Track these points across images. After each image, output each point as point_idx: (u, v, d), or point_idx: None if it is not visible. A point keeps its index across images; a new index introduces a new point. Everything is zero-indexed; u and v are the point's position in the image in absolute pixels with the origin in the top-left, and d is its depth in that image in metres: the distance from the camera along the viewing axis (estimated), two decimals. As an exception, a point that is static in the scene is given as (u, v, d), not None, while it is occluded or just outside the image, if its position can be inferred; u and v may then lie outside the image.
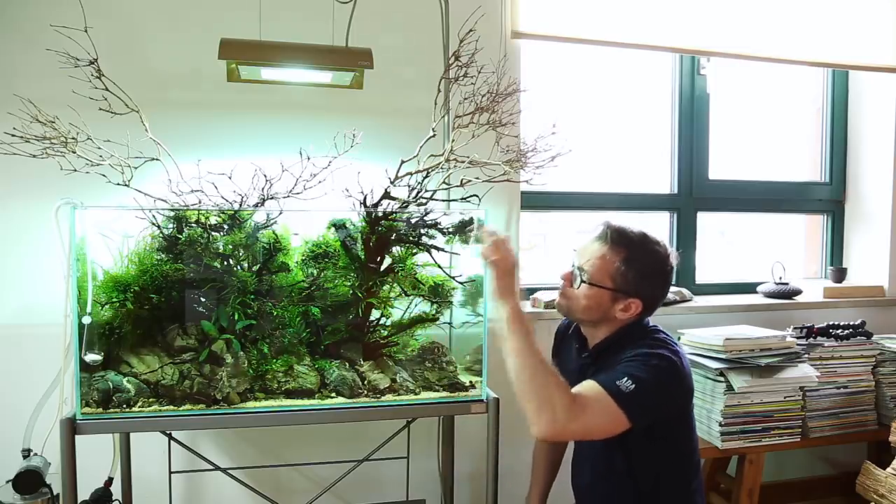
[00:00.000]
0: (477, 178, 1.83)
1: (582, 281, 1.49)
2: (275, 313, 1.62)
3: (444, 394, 1.71)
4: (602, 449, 1.52)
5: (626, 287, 1.47)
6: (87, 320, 1.50)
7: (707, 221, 2.78)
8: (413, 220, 1.74)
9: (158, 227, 1.60)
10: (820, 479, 2.74)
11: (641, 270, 1.47)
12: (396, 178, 1.76)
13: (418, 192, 1.77)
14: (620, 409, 1.32)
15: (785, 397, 2.11)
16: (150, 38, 1.97)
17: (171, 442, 1.86)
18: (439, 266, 1.76)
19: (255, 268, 1.63)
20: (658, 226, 2.74)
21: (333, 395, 1.63)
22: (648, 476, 1.51)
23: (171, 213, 1.60)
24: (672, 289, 2.51)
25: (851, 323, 2.32)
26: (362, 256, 1.70)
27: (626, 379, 1.34)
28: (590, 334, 1.59)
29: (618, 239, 1.48)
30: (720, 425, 2.05)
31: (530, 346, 1.36)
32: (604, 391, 1.34)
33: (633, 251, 1.48)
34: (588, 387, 1.37)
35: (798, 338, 2.24)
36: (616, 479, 1.53)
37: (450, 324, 1.82)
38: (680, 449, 1.54)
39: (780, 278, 2.71)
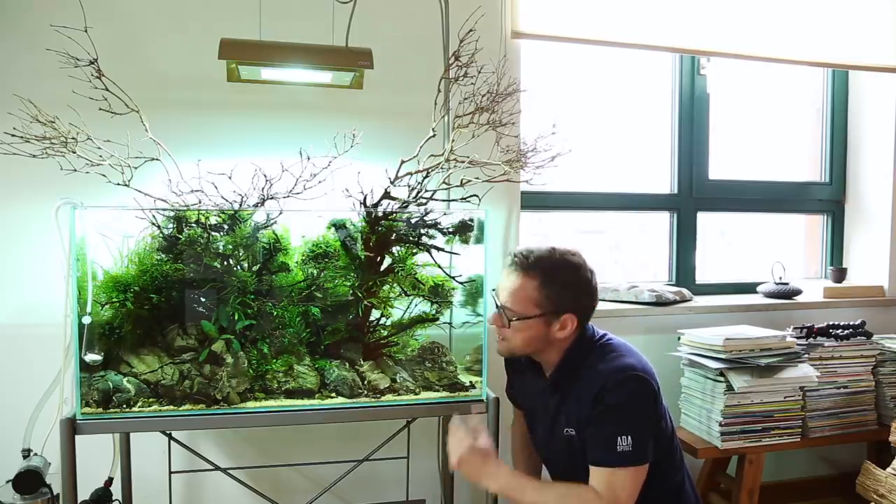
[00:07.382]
0: (477, 178, 1.84)
1: (510, 319, 1.46)
2: (275, 313, 1.62)
3: (444, 394, 1.71)
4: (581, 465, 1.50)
5: (554, 307, 1.45)
6: (87, 320, 1.50)
7: (707, 221, 2.78)
8: (413, 220, 1.74)
9: (158, 227, 1.61)
10: (820, 479, 2.73)
11: (562, 285, 1.45)
12: (396, 178, 1.76)
13: (418, 192, 1.77)
14: (635, 465, 1.38)
15: (785, 397, 2.11)
16: (150, 38, 1.97)
17: (171, 442, 1.86)
18: (439, 266, 1.76)
19: (255, 268, 1.64)
20: (658, 226, 2.74)
21: (333, 395, 1.63)
22: None
23: (171, 213, 1.60)
24: (672, 289, 2.51)
25: (851, 323, 2.32)
26: (362, 256, 1.71)
27: (618, 439, 1.37)
28: (541, 361, 1.56)
29: (528, 264, 1.45)
30: (720, 425, 2.05)
31: (536, 490, 1.42)
32: (612, 469, 1.38)
33: (547, 269, 1.45)
34: (599, 477, 1.39)
35: (798, 338, 2.24)
36: None
37: (450, 324, 1.82)
38: (659, 445, 1.51)
39: (780, 278, 2.71)
